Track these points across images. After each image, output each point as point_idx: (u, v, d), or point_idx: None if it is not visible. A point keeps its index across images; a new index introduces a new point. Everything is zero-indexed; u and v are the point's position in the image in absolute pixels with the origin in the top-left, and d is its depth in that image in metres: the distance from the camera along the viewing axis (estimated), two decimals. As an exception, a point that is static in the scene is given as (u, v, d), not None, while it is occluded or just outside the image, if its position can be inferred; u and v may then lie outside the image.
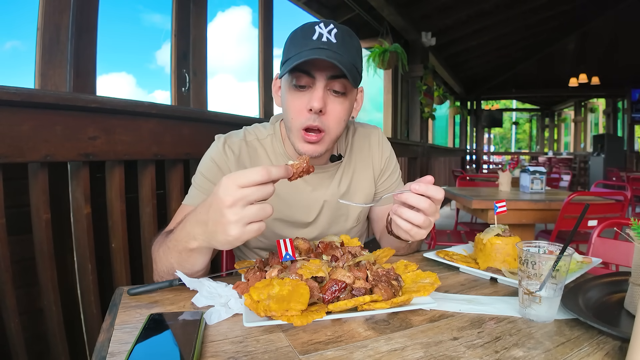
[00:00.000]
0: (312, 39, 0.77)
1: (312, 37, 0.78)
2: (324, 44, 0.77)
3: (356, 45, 0.82)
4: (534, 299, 0.58)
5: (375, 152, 1.03)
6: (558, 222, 2.06)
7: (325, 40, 0.77)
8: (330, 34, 0.78)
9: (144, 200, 1.41)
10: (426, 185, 0.69)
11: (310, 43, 0.77)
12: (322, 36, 0.78)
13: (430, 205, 0.70)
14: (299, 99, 0.81)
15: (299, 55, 0.76)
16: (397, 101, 5.29)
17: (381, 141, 1.04)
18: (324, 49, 0.76)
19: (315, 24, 0.79)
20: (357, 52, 0.82)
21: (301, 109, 0.81)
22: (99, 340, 0.52)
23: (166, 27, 1.96)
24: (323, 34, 0.78)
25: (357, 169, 1.00)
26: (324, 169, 0.95)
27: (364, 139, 1.03)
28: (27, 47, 1.36)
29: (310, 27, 0.79)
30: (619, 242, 1.16)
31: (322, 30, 0.78)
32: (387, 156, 1.04)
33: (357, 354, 0.49)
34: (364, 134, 1.03)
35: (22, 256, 1.12)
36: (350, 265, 0.67)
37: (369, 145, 1.03)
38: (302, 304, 0.54)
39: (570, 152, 12.29)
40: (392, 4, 4.27)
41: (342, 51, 0.77)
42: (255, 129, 0.97)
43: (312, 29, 0.78)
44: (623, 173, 6.19)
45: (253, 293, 0.56)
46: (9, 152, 1.00)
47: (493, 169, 9.75)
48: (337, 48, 0.77)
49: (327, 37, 0.78)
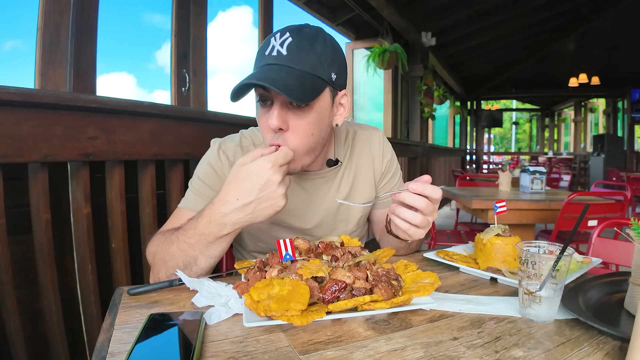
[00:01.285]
0: (265, 53, 0.76)
1: (265, 52, 0.76)
2: (273, 59, 0.74)
3: (319, 51, 0.75)
4: (534, 299, 0.58)
5: (376, 155, 1.01)
6: (558, 222, 2.06)
7: (275, 54, 0.74)
8: (282, 46, 0.74)
9: (144, 200, 1.41)
10: (423, 185, 0.69)
11: (262, 59, 0.76)
12: (274, 49, 0.75)
13: (428, 204, 0.70)
14: (264, 115, 0.78)
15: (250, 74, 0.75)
16: (397, 101, 5.30)
17: (382, 144, 1.02)
18: (272, 65, 0.74)
19: (272, 35, 0.76)
20: (320, 58, 0.75)
21: (265, 127, 0.79)
22: (99, 340, 0.52)
23: (166, 27, 1.96)
24: (275, 46, 0.75)
25: (358, 173, 0.99)
26: (320, 174, 0.93)
27: (364, 143, 1.01)
28: (27, 47, 1.37)
29: (267, 41, 0.77)
30: (619, 242, 1.16)
31: (275, 43, 0.75)
32: (388, 159, 1.02)
33: (357, 353, 0.49)
34: (364, 138, 1.01)
35: (22, 256, 1.13)
36: (350, 265, 0.67)
37: (370, 148, 1.01)
38: (302, 304, 0.54)
39: (570, 152, 12.30)
40: (392, 4, 4.28)
41: (294, 62, 0.73)
42: (251, 134, 0.96)
43: (268, 42, 0.76)
44: (623, 173, 6.19)
45: (253, 293, 0.56)
46: (9, 152, 1.00)
47: (493, 169, 9.76)
48: (287, 60, 0.74)
49: (279, 49, 0.74)
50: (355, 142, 1.00)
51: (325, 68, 0.76)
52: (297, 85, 0.71)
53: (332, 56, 0.78)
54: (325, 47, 0.77)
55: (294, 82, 0.71)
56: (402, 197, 0.71)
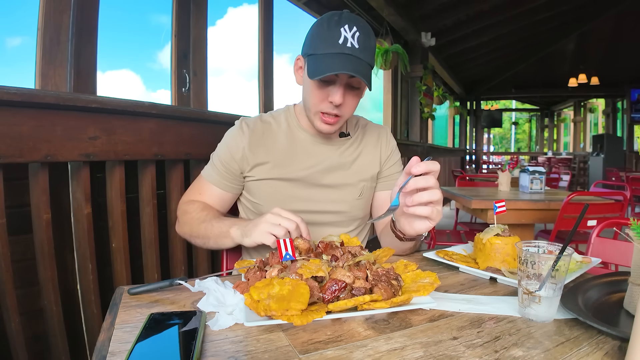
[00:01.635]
0: (338, 42, 0.86)
1: (337, 41, 0.86)
2: (349, 50, 0.86)
3: (372, 45, 0.92)
4: (533, 299, 0.58)
5: (383, 141, 1.15)
6: (557, 222, 2.06)
7: (349, 45, 0.86)
8: (354, 39, 0.87)
9: (144, 200, 1.41)
10: (425, 163, 0.74)
11: (336, 46, 0.86)
12: (347, 41, 0.86)
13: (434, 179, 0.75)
14: (322, 90, 0.93)
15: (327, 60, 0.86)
16: (397, 101, 5.30)
17: (389, 136, 1.17)
18: (349, 56, 0.86)
19: (340, 24, 0.87)
20: (373, 51, 0.93)
21: (323, 98, 0.93)
22: (100, 339, 0.52)
23: (167, 28, 1.96)
24: (348, 38, 0.86)
25: (365, 150, 1.11)
26: (330, 142, 1.07)
27: (374, 131, 1.16)
28: (27, 47, 1.37)
29: (336, 27, 0.87)
30: (619, 242, 1.16)
31: (347, 34, 0.86)
32: (392, 146, 1.16)
33: (356, 353, 0.49)
34: (374, 128, 1.17)
35: (22, 256, 1.13)
36: (350, 265, 0.67)
37: (378, 135, 1.15)
38: (302, 304, 0.54)
39: (570, 152, 12.30)
40: (391, 4, 4.28)
41: (363, 55, 0.87)
42: (270, 112, 1.12)
43: (337, 31, 0.86)
44: (622, 173, 6.20)
45: (253, 292, 0.56)
46: (10, 152, 1.00)
47: (492, 169, 9.76)
48: (359, 53, 0.87)
49: (352, 42, 0.86)
50: (366, 129, 1.15)
51: (373, 58, 0.93)
52: (368, 74, 0.89)
53: (375, 47, 0.95)
54: (374, 41, 0.93)
55: (367, 73, 0.89)
56: (413, 183, 0.74)
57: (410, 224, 0.80)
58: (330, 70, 0.85)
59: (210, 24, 2.08)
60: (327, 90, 0.93)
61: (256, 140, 1.03)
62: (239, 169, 1.03)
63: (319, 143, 1.06)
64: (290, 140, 1.05)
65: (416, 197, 0.74)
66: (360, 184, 1.08)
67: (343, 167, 1.06)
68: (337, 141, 1.08)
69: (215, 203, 1.05)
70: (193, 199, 1.06)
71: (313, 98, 0.95)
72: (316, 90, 0.94)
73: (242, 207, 1.12)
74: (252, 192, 1.05)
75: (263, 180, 1.02)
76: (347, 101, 0.94)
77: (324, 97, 0.93)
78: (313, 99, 0.95)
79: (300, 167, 1.03)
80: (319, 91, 0.93)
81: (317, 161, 1.04)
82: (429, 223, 0.77)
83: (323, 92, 0.93)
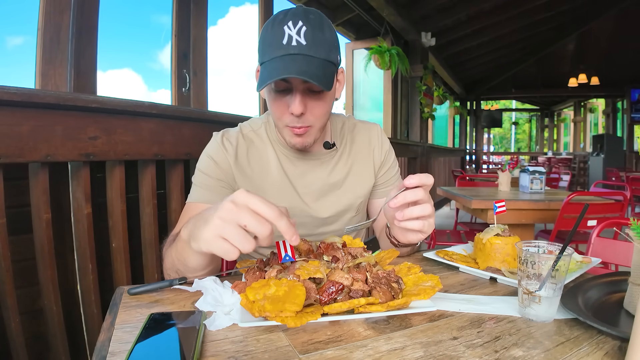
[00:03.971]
0: (283, 43, 0.77)
1: (282, 41, 0.77)
2: (294, 49, 0.76)
3: (328, 37, 0.80)
4: (533, 299, 0.58)
5: (375, 145, 1.06)
6: (557, 222, 2.06)
7: (294, 44, 0.76)
8: (299, 35, 0.76)
9: (144, 200, 1.41)
10: (417, 176, 0.70)
11: (280, 48, 0.77)
12: (292, 39, 0.76)
13: (426, 193, 0.71)
14: (280, 101, 0.84)
15: (271, 66, 0.77)
16: (397, 101, 5.30)
17: (381, 136, 1.08)
18: (295, 55, 0.76)
19: (283, 22, 0.77)
20: (330, 43, 0.81)
21: (283, 110, 0.84)
22: (100, 339, 0.52)
23: (167, 28, 1.96)
24: (292, 36, 0.76)
25: (356, 161, 1.03)
26: (316, 156, 0.98)
27: (364, 133, 1.06)
28: (27, 46, 1.37)
29: (279, 27, 0.77)
30: (619, 242, 1.16)
31: (291, 32, 0.77)
32: (386, 149, 1.07)
33: (356, 353, 0.49)
34: (364, 129, 1.07)
35: (22, 256, 1.13)
36: (349, 266, 0.67)
37: (369, 139, 1.06)
38: (297, 305, 0.53)
39: (570, 152, 12.30)
40: (392, 4, 4.28)
41: (313, 51, 0.77)
42: (250, 122, 1.02)
43: (281, 31, 0.77)
44: (622, 173, 6.20)
45: (249, 293, 0.56)
46: (10, 152, 1.00)
47: (492, 169, 9.75)
48: (307, 50, 0.77)
49: (297, 39, 0.76)
50: (355, 134, 1.05)
51: (334, 52, 0.82)
52: (322, 73, 0.77)
53: (335, 39, 0.83)
54: (330, 32, 0.82)
55: (318, 71, 0.76)
56: (402, 198, 0.71)
57: (403, 234, 0.78)
58: (269, 77, 0.75)
59: (211, 23, 2.08)
60: (285, 100, 0.83)
61: (241, 159, 0.94)
62: (227, 179, 0.93)
63: (303, 160, 0.97)
64: (275, 165, 0.96)
65: (407, 211, 0.71)
66: (357, 202, 1.02)
67: (335, 187, 0.99)
68: (322, 154, 0.98)
69: None
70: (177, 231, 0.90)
71: (274, 112, 0.86)
72: (274, 103, 0.85)
73: None
74: None
75: None
76: (312, 107, 0.83)
77: (284, 108, 0.83)
78: (274, 113, 0.86)
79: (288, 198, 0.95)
80: (278, 103, 0.84)
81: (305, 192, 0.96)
82: (420, 235, 0.74)
83: (282, 103, 0.83)
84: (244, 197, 0.56)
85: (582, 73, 8.76)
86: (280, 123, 0.87)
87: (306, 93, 0.82)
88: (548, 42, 8.23)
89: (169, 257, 0.76)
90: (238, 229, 0.55)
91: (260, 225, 0.55)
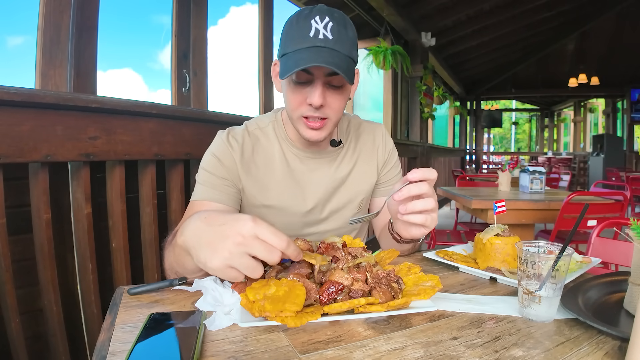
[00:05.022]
0: (309, 35, 0.78)
1: (308, 34, 0.78)
2: (321, 42, 0.78)
3: (351, 36, 0.83)
4: (533, 299, 0.58)
5: (379, 144, 1.08)
6: (557, 222, 2.06)
7: (322, 37, 0.78)
8: (326, 29, 0.78)
9: (144, 200, 1.41)
10: (421, 170, 0.71)
11: (307, 40, 0.78)
12: (319, 33, 0.78)
13: (430, 187, 0.72)
14: (299, 92, 0.84)
15: (297, 56, 0.78)
16: (397, 101, 5.30)
17: (385, 136, 1.10)
18: (321, 48, 0.78)
19: (310, 17, 0.79)
20: (352, 42, 0.83)
21: (302, 101, 0.85)
22: (100, 339, 0.52)
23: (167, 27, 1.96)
24: (319, 30, 0.78)
25: (360, 157, 1.04)
26: (323, 154, 0.99)
27: (369, 132, 1.08)
28: (27, 46, 1.37)
29: (305, 21, 0.79)
30: (619, 242, 1.16)
31: (318, 26, 0.78)
32: (390, 148, 1.09)
33: (356, 353, 0.49)
34: (369, 128, 1.09)
35: (22, 256, 1.13)
36: (349, 266, 0.67)
37: (374, 137, 1.08)
38: (297, 305, 0.53)
39: (570, 152, 12.30)
40: (392, 4, 4.28)
41: (338, 46, 0.79)
42: (256, 120, 1.02)
43: (307, 24, 0.78)
44: (622, 173, 6.20)
45: (249, 293, 0.56)
46: (10, 152, 1.00)
47: (492, 169, 9.75)
48: (333, 44, 0.78)
49: (324, 33, 0.78)
50: (360, 132, 1.07)
51: (355, 51, 0.84)
52: (346, 67, 0.79)
53: (356, 39, 0.85)
54: (352, 31, 0.84)
55: (344, 65, 0.78)
56: (406, 192, 0.71)
57: (406, 229, 0.77)
58: (295, 65, 0.76)
59: (212, 23, 2.08)
60: (304, 91, 0.84)
61: (247, 157, 0.94)
62: (232, 177, 0.93)
63: (311, 158, 0.98)
64: (281, 162, 0.96)
65: (410, 205, 0.71)
66: (359, 197, 1.03)
67: (339, 183, 1.00)
68: (329, 153, 1.00)
69: None
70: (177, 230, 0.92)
71: (291, 102, 0.86)
72: (293, 94, 0.85)
73: None
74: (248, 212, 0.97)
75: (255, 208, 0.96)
76: (330, 101, 0.85)
77: (302, 99, 0.84)
78: (291, 103, 0.86)
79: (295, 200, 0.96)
80: (296, 94, 0.85)
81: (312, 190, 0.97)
82: (423, 229, 0.75)
83: (301, 94, 0.84)
84: (252, 227, 0.54)
85: (582, 73, 8.76)
86: (295, 114, 0.87)
87: (326, 86, 0.83)
88: (548, 42, 8.24)
89: (168, 259, 0.76)
90: (248, 258, 0.55)
91: (270, 254, 0.55)
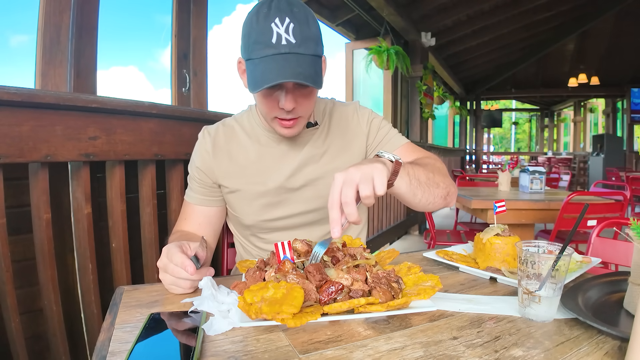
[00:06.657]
0: (272, 42, 0.76)
1: (271, 40, 0.76)
2: (284, 47, 0.76)
3: (314, 31, 0.81)
4: (533, 299, 0.58)
5: (355, 120, 1.05)
6: (557, 222, 2.06)
7: (285, 43, 0.76)
8: (288, 33, 0.76)
9: (144, 200, 1.41)
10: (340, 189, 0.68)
11: (270, 46, 0.77)
12: (281, 38, 0.76)
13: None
14: (270, 98, 0.85)
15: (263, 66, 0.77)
16: (397, 101, 5.30)
17: (358, 110, 1.07)
18: (287, 55, 0.77)
19: (269, 19, 0.76)
20: (316, 37, 0.81)
21: (273, 106, 0.86)
22: (100, 339, 0.52)
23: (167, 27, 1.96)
24: (281, 35, 0.76)
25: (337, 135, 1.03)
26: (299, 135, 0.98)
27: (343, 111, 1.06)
28: (27, 46, 1.37)
29: (265, 23, 0.76)
30: (618, 242, 1.16)
31: (279, 30, 0.76)
32: (367, 118, 1.05)
33: (356, 353, 0.49)
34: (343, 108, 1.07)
35: (22, 256, 1.13)
36: (349, 266, 0.67)
37: (348, 115, 1.05)
38: (295, 307, 0.53)
39: (570, 152, 12.30)
40: (392, 4, 4.27)
41: (303, 49, 0.78)
42: (234, 115, 1.07)
43: (268, 28, 0.76)
44: (622, 173, 6.20)
45: (247, 295, 0.56)
46: (9, 152, 1.00)
47: (492, 169, 9.75)
48: (297, 48, 0.77)
49: (286, 37, 0.76)
50: (334, 112, 1.05)
51: (319, 45, 0.83)
52: (314, 71, 0.79)
53: (319, 31, 0.83)
54: (315, 25, 0.82)
55: (311, 70, 0.78)
56: None
57: None
58: (268, 81, 0.76)
59: (216, 21, 2.10)
60: (275, 95, 0.84)
61: (219, 147, 0.99)
62: (211, 180, 1.00)
63: (285, 139, 0.99)
64: (256, 143, 0.99)
65: None
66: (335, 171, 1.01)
67: (312, 161, 0.99)
68: (305, 133, 0.99)
69: (203, 223, 1.02)
70: (178, 228, 1.02)
71: (263, 107, 0.88)
72: (265, 99, 0.86)
73: (229, 220, 1.10)
74: (230, 204, 1.03)
75: (236, 192, 0.99)
76: (301, 102, 0.86)
77: (274, 104, 0.85)
78: (264, 108, 0.88)
79: (269, 175, 0.98)
80: (268, 99, 0.86)
81: (285, 164, 0.98)
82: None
83: (272, 99, 0.85)
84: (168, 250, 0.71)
85: (582, 73, 8.77)
86: (269, 117, 0.89)
87: (296, 89, 0.84)
88: (548, 42, 8.23)
89: None
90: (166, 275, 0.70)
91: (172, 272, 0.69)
